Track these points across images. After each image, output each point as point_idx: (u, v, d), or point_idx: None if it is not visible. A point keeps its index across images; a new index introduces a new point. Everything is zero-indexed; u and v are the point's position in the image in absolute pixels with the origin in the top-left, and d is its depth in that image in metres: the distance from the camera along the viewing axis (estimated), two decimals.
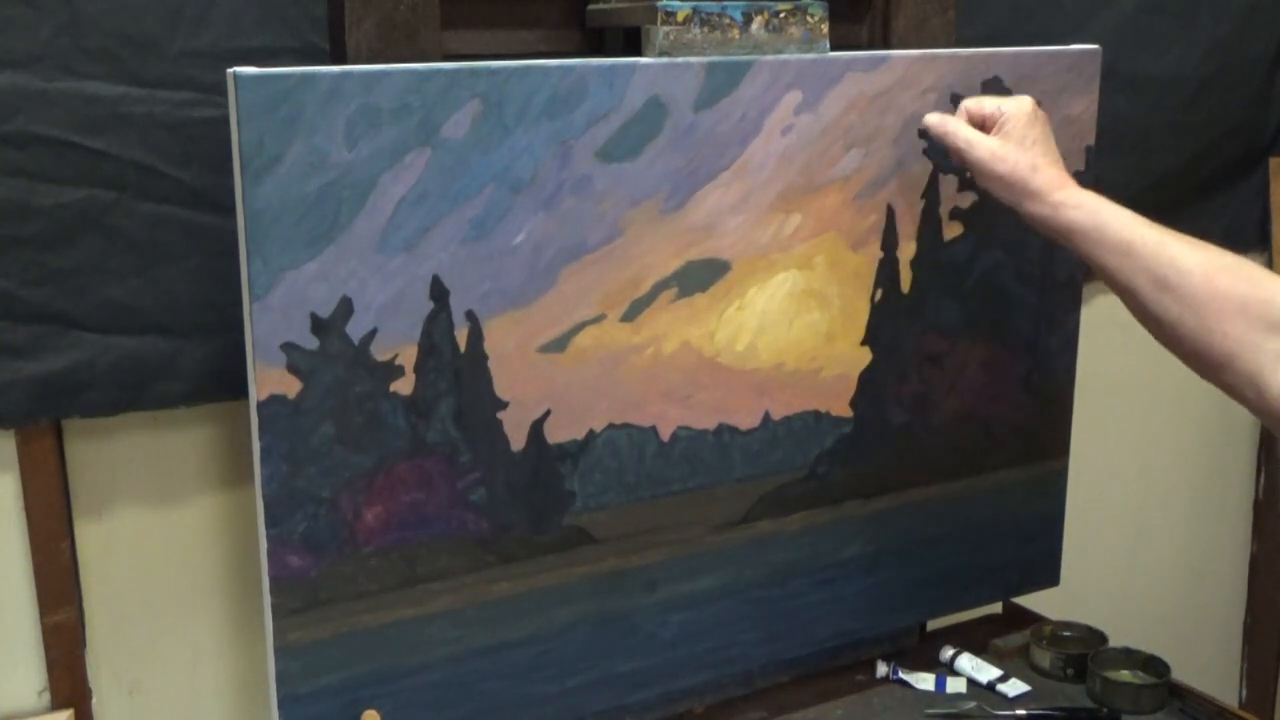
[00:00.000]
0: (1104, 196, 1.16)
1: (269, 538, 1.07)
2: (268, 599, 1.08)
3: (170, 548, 1.29)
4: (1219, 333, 1.04)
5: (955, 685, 1.40)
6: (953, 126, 1.21)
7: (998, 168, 1.17)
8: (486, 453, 1.14)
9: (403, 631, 1.14)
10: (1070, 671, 1.41)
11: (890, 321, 1.32)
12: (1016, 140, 1.18)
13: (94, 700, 1.28)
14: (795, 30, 1.22)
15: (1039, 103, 1.21)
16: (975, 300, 1.37)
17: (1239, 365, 1.03)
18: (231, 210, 1.03)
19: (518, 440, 1.15)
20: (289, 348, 1.04)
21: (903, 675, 1.41)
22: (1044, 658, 1.43)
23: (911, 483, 1.38)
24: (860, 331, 1.31)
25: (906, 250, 1.32)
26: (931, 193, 1.32)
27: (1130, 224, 1.12)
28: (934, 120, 1.22)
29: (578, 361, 1.17)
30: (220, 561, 1.31)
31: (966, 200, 1.34)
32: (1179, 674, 1.41)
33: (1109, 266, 1.12)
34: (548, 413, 1.16)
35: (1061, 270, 1.42)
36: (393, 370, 1.09)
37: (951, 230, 1.34)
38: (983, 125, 1.21)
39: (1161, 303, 1.07)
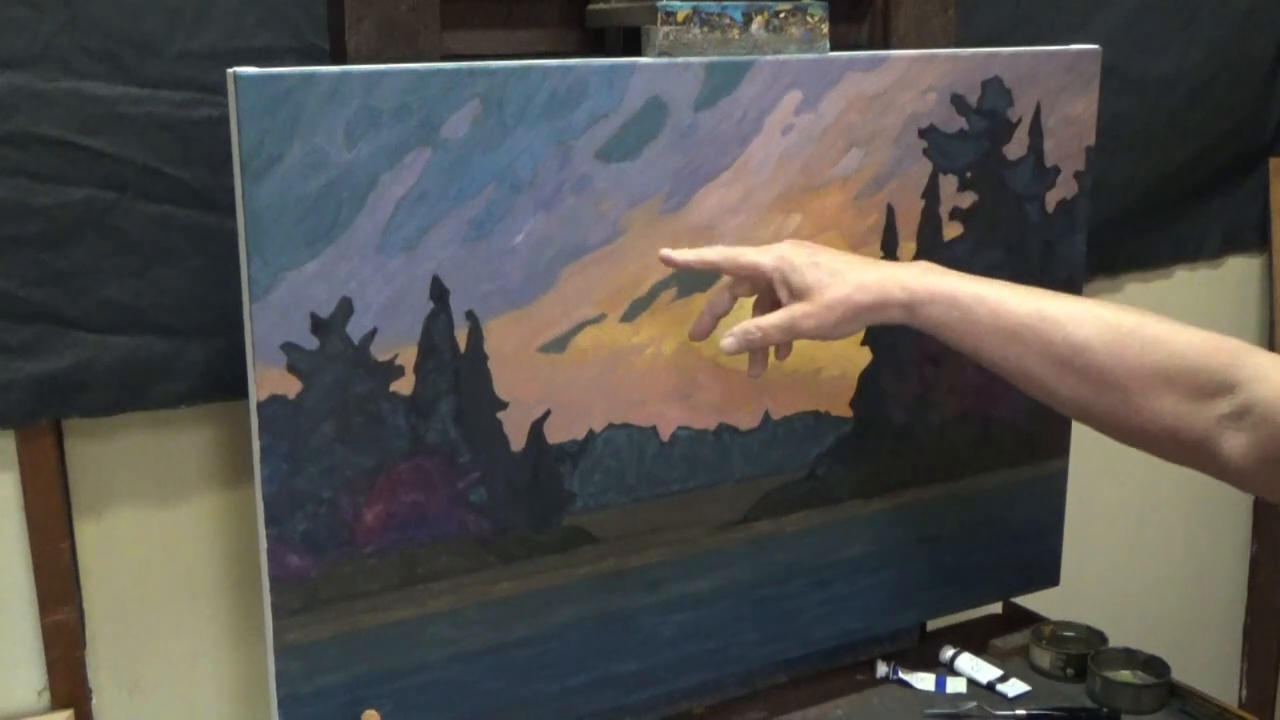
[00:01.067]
0: (940, 266, 1.07)
1: (269, 538, 1.07)
2: (268, 599, 1.08)
3: (170, 548, 1.29)
4: (1149, 410, 0.97)
5: (955, 685, 1.40)
6: (755, 330, 1.09)
7: (830, 321, 1.07)
8: (486, 453, 1.14)
9: (403, 631, 1.14)
10: (1070, 671, 1.41)
11: None
12: (816, 283, 1.06)
13: (94, 700, 1.28)
14: (795, 30, 1.22)
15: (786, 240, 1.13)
16: None
17: (1183, 438, 0.96)
18: (231, 210, 1.03)
19: (518, 440, 1.15)
20: (289, 348, 1.04)
21: (903, 675, 1.41)
22: (1044, 658, 1.43)
23: (911, 483, 1.38)
24: (860, 331, 1.31)
25: (906, 250, 1.32)
26: (931, 193, 1.32)
27: (1000, 302, 1.02)
28: (733, 342, 1.10)
29: (578, 361, 1.17)
30: (220, 561, 1.31)
31: (966, 200, 1.34)
32: (1179, 674, 1.40)
33: (994, 355, 1.03)
34: (548, 413, 1.16)
35: (1061, 270, 1.42)
36: (393, 370, 1.09)
37: (951, 230, 1.34)
38: (768, 289, 1.11)
39: (1068, 384, 1.00)
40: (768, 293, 1.12)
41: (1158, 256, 1.84)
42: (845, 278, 1.07)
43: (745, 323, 1.11)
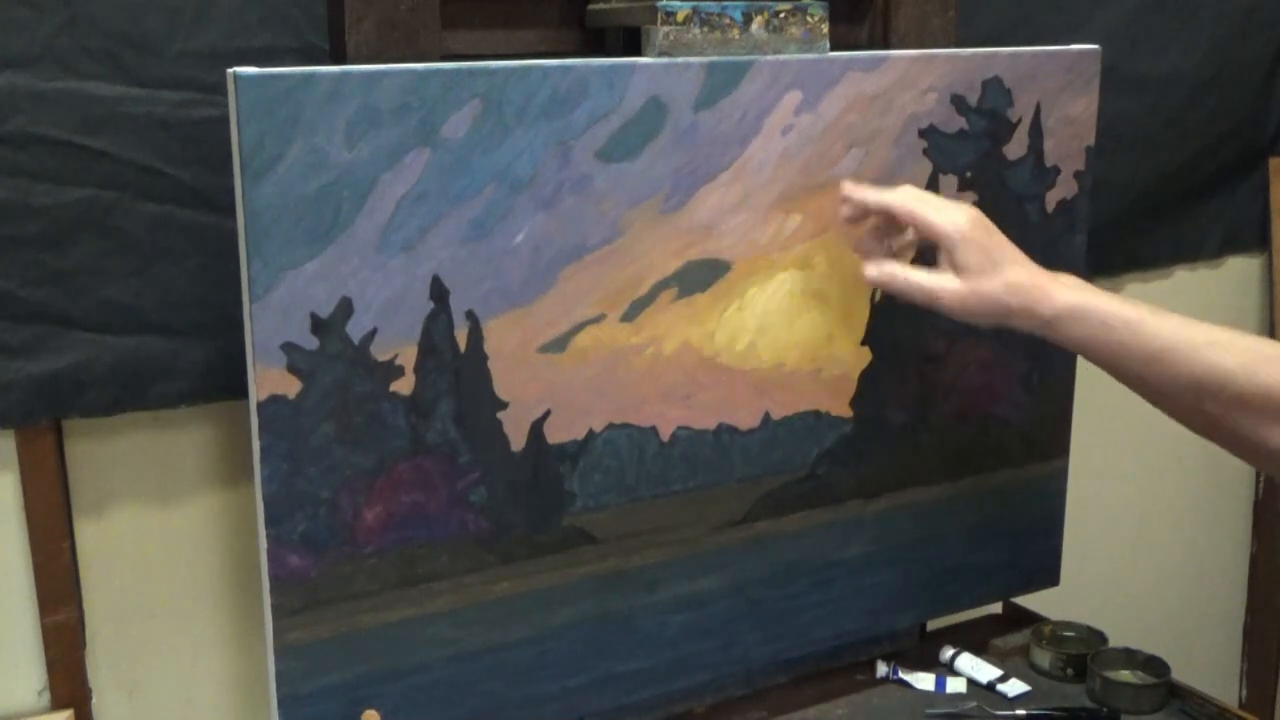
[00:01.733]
0: (1086, 283, 1.10)
1: (269, 538, 1.07)
2: (268, 599, 1.08)
3: (170, 548, 1.29)
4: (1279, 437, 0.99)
5: (955, 685, 1.40)
6: (902, 280, 1.12)
7: (972, 307, 1.10)
8: (486, 453, 1.14)
9: (403, 631, 1.14)
10: (1070, 671, 1.41)
11: (890, 321, 1.32)
12: (976, 268, 1.09)
13: (94, 700, 1.28)
14: (795, 30, 1.22)
15: (975, 204, 1.14)
16: None
17: None
18: (231, 210, 1.03)
19: (518, 440, 1.15)
20: (289, 348, 1.04)
21: (903, 675, 1.41)
22: (1044, 658, 1.43)
23: (911, 483, 1.38)
24: (860, 331, 1.31)
25: None
26: (931, 193, 1.31)
27: (1141, 324, 1.04)
28: (878, 275, 1.14)
29: (578, 361, 1.16)
30: (220, 561, 1.31)
31: (966, 200, 1.34)
32: (1179, 674, 1.41)
33: (1132, 374, 1.06)
34: (548, 413, 1.16)
35: (1061, 270, 1.42)
36: (393, 370, 1.09)
37: None
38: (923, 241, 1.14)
39: (1205, 407, 1.02)
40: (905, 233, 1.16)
41: (1158, 256, 1.84)
42: (1003, 274, 1.09)
43: (896, 267, 1.14)
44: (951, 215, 1.12)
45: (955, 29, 1.40)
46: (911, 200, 1.14)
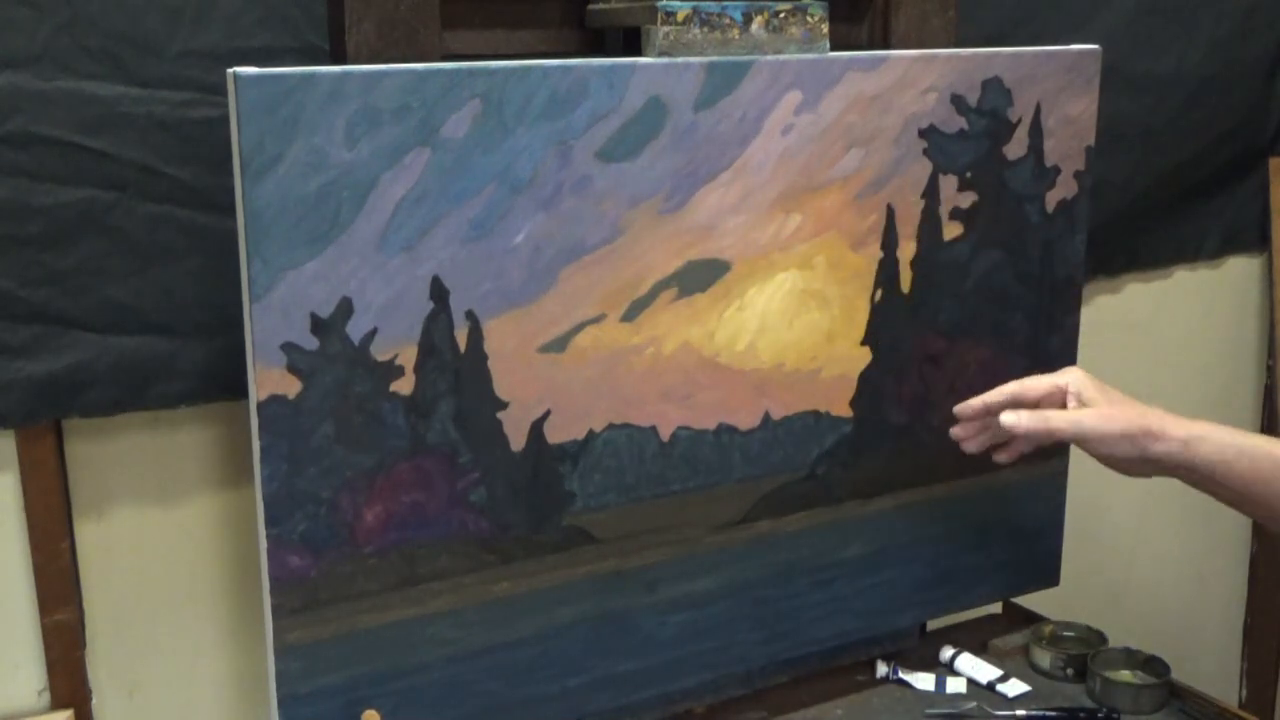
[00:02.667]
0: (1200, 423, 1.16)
1: (269, 538, 1.07)
2: (268, 599, 1.08)
3: (170, 548, 1.29)
4: None
5: (955, 685, 1.40)
6: (1042, 422, 1.18)
7: (1112, 426, 1.16)
8: (486, 453, 1.14)
9: (403, 631, 1.14)
10: (1070, 671, 1.41)
11: (890, 321, 1.32)
12: (1105, 399, 1.18)
13: (94, 700, 1.28)
14: (795, 30, 1.22)
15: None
16: (975, 300, 1.37)
17: None
18: (231, 210, 1.03)
19: (518, 440, 1.15)
20: (289, 348, 1.04)
21: (903, 675, 1.41)
22: (1044, 658, 1.43)
23: (911, 483, 1.38)
24: (860, 331, 1.31)
25: (906, 250, 1.32)
26: (931, 193, 1.32)
27: (1271, 445, 1.12)
28: (1017, 423, 1.19)
29: (578, 361, 1.17)
30: (220, 561, 1.32)
31: (966, 200, 1.34)
32: (1179, 674, 1.40)
33: (1263, 498, 1.12)
34: (548, 413, 1.16)
35: (1061, 270, 1.42)
36: (393, 370, 1.09)
37: (951, 230, 1.34)
38: (1046, 403, 1.21)
39: None
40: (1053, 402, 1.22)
41: (1158, 256, 1.84)
42: (1130, 405, 1.19)
43: (1033, 414, 1.20)
44: (1063, 371, 1.23)
45: (955, 29, 1.40)
46: (1015, 384, 1.23)
